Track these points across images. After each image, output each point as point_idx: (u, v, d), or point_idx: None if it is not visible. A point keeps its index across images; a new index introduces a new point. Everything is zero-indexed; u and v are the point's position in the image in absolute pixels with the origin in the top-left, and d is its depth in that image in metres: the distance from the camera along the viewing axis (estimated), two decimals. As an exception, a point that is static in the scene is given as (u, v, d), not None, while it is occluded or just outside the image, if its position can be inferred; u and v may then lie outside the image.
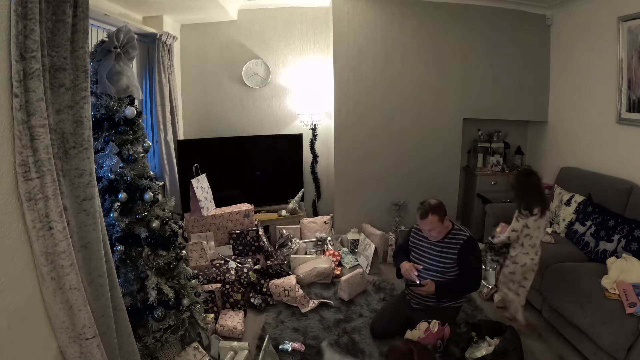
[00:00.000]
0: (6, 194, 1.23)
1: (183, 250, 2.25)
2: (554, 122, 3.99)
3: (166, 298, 2.02)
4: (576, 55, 3.61)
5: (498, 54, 3.93)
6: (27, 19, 1.18)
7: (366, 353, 2.44)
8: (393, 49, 3.80)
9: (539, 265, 2.53)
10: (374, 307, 2.94)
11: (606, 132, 3.25)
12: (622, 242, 2.58)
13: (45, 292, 1.36)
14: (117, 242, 1.89)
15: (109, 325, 1.63)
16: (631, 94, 2.97)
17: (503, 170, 4.17)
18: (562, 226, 3.18)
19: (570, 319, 2.39)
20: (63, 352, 1.43)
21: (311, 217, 4.09)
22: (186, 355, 2.18)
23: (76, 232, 1.48)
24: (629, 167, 2.97)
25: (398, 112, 3.92)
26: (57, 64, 1.36)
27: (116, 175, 1.90)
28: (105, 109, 1.85)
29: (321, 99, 4.06)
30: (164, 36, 3.38)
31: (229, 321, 2.65)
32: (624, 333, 1.99)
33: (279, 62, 4.12)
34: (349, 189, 4.01)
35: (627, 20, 2.93)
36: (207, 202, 3.53)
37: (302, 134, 4.11)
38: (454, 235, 2.43)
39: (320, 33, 4.07)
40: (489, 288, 3.03)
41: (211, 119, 4.15)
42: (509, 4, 3.83)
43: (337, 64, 3.78)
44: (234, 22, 4.00)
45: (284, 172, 4.15)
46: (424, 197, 2.52)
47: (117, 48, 1.82)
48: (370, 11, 3.71)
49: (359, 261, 3.71)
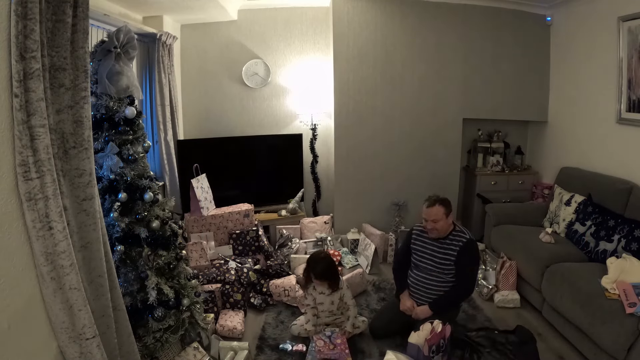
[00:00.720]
0: (6, 194, 1.23)
1: (183, 250, 2.25)
2: (554, 122, 3.99)
3: (166, 298, 2.02)
4: (576, 55, 3.61)
5: (498, 54, 3.93)
6: (27, 19, 1.18)
7: (366, 353, 2.44)
8: (393, 49, 3.80)
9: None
10: (374, 307, 2.94)
11: (606, 132, 3.25)
12: (622, 242, 2.58)
13: (45, 292, 1.36)
14: (117, 242, 1.89)
15: (109, 325, 1.63)
16: (631, 94, 2.97)
17: (503, 170, 4.17)
18: (562, 226, 3.18)
19: (570, 319, 2.39)
20: (63, 352, 1.43)
21: (311, 217, 4.09)
22: (186, 355, 2.18)
23: (76, 232, 1.48)
24: (629, 167, 2.98)
25: (398, 112, 3.92)
26: (57, 64, 1.36)
27: (116, 175, 1.90)
28: (105, 109, 1.85)
29: (321, 99, 4.06)
30: (164, 36, 3.38)
31: (229, 321, 2.65)
32: (624, 333, 1.99)
33: (279, 62, 4.12)
34: (349, 188, 4.01)
35: (627, 20, 2.93)
36: (207, 202, 3.53)
37: (302, 134, 4.11)
38: (455, 235, 2.44)
39: (320, 33, 4.07)
40: (489, 288, 3.03)
41: (211, 119, 4.15)
42: (509, 4, 3.83)
43: (337, 64, 3.78)
44: (234, 22, 4.00)
45: (284, 172, 4.15)
46: (424, 197, 2.53)
47: (117, 48, 1.82)
48: (370, 11, 3.71)
49: (359, 261, 3.71)
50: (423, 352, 2.11)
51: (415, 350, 2.14)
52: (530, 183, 4.16)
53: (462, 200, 4.42)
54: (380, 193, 4.03)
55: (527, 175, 4.19)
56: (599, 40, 3.27)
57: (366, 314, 2.85)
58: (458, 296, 2.50)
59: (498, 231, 3.44)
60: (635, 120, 2.95)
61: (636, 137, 2.95)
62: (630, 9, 2.90)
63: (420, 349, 2.12)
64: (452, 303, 2.49)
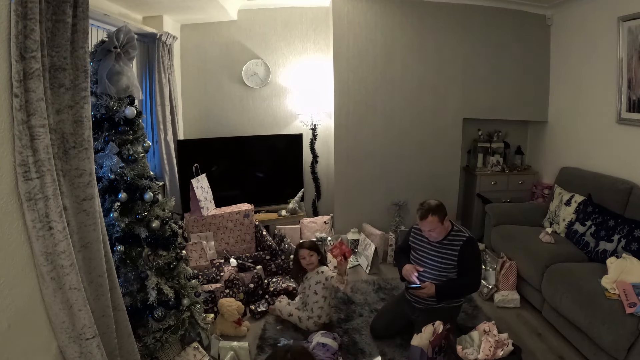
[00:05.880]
0: (6, 194, 1.23)
1: (183, 250, 2.25)
2: (554, 122, 3.99)
3: (166, 298, 2.02)
4: (576, 55, 3.61)
5: (498, 54, 3.93)
6: (27, 19, 1.18)
7: (366, 353, 2.44)
8: (393, 49, 3.80)
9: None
10: (374, 307, 2.94)
11: (606, 132, 3.25)
12: (622, 242, 2.57)
13: (45, 292, 1.36)
14: (117, 242, 1.89)
15: (109, 325, 1.63)
16: (631, 94, 2.97)
17: (503, 170, 4.17)
18: (562, 226, 3.18)
19: (570, 319, 2.39)
20: (63, 352, 1.43)
21: (311, 217, 4.09)
22: (186, 355, 2.18)
23: (76, 232, 1.48)
24: (629, 167, 2.97)
25: (398, 112, 3.92)
26: (57, 64, 1.36)
27: (116, 175, 1.90)
28: (105, 109, 1.85)
29: (321, 99, 4.06)
30: (164, 36, 3.39)
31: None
32: (624, 333, 1.99)
33: (279, 62, 4.12)
34: (349, 189, 4.01)
35: (627, 20, 2.93)
36: (207, 202, 3.53)
37: (302, 134, 4.11)
38: (454, 235, 2.42)
39: (320, 33, 4.07)
40: (489, 288, 3.03)
41: (211, 119, 4.15)
42: (509, 4, 3.83)
43: (337, 64, 3.78)
44: (234, 22, 4.00)
45: (284, 172, 4.15)
46: (424, 197, 2.52)
47: (117, 48, 1.82)
48: (370, 11, 3.71)
49: (359, 261, 3.71)
50: (427, 354, 2.11)
51: (419, 353, 2.14)
52: (530, 183, 4.16)
53: (462, 200, 4.42)
54: (380, 193, 4.03)
55: (527, 175, 4.19)
56: (599, 40, 3.27)
57: (366, 313, 2.85)
58: (464, 289, 2.46)
59: (498, 231, 3.44)
60: (635, 120, 2.95)
61: (636, 137, 2.95)
62: (630, 9, 2.90)
63: (424, 352, 2.12)
64: (456, 292, 2.44)
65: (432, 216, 2.33)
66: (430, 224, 2.35)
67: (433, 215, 2.34)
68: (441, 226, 2.38)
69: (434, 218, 2.34)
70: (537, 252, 2.86)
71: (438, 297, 2.37)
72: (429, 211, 2.34)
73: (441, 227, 2.38)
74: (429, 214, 2.33)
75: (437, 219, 2.34)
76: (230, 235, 3.53)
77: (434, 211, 2.34)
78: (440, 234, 2.40)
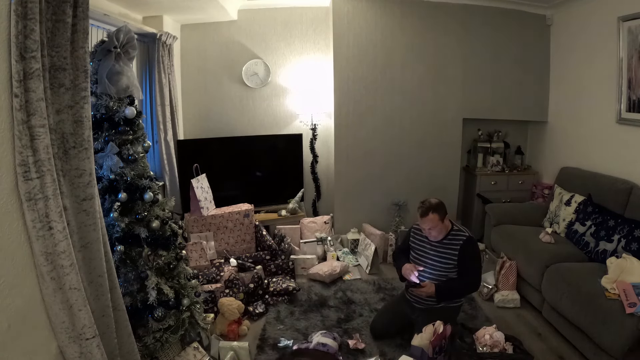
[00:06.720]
0: (6, 194, 1.23)
1: (183, 250, 2.25)
2: (554, 122, 3.99)
3: (166, 298, 2.02)
4: (576, 55, 3.61)
5: (498, 54, 3.93)
6: (27, 19, 1.18)
7: (366, 353, 2.44)
8: (393, 49, 3.80)
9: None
10: (374, 307, 2.94)
11: (606, 132, 3.25)
12: (622, 242, 2.57)
13: (45, 292, 1.36)
14: (117, 242, 1.89)
15: (109, 325, 1.63)
16: (631, 94, 2.97)
17: (503, 170, 4.17)
18: (562, 226, 3.18)
19: (570, 319, 2.39)
20: (63, 352, 1.43)
21: (311, 217, 4.09)
22: (186, 355, 2.18)
23: (76, 232, 1.48)
24: (629, 167, 2.98)
25: (398, 112, 3.92)
26: (57, 64, 1.36)
27: (116, 175, 1.90)
28: (105, 109, 1.85)
29: (321, 99, 4.06)
30: (164, 36, 3.39)
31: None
32: (624, 333, 1.99)
33: (279, 62, 4.12)
34: (349, 188, 4.01)
35: (627, 20, 2.93)
36: (207, 202, 3.53)
37: (302, 134, 4.11)
38: (454, 235, 2.42)
39: (320, 33, 4.07)
40: (489, 288, 3.03)
41: (211, 119, 4.15)
42: (509, 4, 3.83)
43: (337, 64, 3.78)
44: (234, 22, 4.00)
45: (284, 172, 4.15)
46: (424, 197, 2.51)
47: (117, 48, 1.82)
48: (370, 11, 3.71)
49: (359, 261, 3.71)
50: (428, 354, 2.11)
51: (419, 353, 2.14)
52: (530, 183, 4.16)
53: (462, 200, 4.42)
54: (380, 193, 4.03)
55: (527, 175, 4.19)
56: (599, 40, 3.27)
57: (366, 313, 2.85)
58: (464, 288, 2.46)
59: (498, 231, 3.44)
60: (635, 120, 2.95)
61: (636, 137, 2.95)
62: (630, 9, 2.90)
63: (425, 352, 2.12)
64: (455, 292, 2.43)
65: (432, 214, 2.34)
66: (430, 221, 2.35)
67: (433, 213, 2.34)
68: (441, 225, 2.38)
69: (434, 216, 2.34)
70: (537, 252, 2.86)
71: (438, 297, 2.37)
72: (429, 209, 2.35)
73: (441, 226, 2.38)
74: (430, 212, 2.34)
75: (437, 217, 2.35)
76: (230, 235, 3.54)
77: (435, 209, 2.35)
78: (440, 233, 2.40)
